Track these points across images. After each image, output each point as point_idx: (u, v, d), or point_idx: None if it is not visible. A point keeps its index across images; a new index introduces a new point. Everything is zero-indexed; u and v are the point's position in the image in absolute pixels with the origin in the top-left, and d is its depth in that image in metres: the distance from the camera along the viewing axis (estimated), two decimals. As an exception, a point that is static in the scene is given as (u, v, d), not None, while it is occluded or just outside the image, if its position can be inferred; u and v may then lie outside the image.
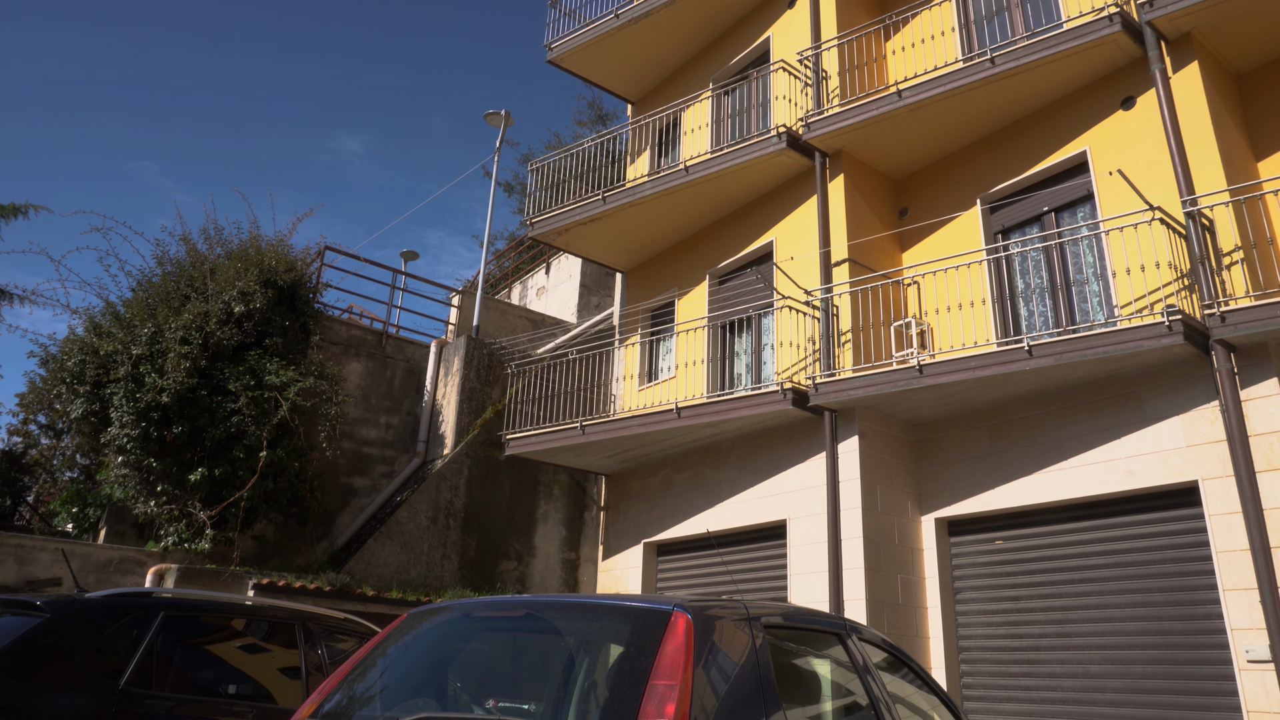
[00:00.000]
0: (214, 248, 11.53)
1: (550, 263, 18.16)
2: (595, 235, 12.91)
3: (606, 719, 2.29)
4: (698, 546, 11.14)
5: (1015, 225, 9.74)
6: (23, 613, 4.05)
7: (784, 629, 3.04)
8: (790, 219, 11.11)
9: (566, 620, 2.94)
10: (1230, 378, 7.24)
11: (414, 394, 13.00)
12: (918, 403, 9.04)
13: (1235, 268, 7.65)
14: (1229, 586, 7.09)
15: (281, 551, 11.29)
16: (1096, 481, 8.08)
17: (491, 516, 11.99)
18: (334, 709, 2.87)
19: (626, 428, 10.54)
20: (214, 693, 4.31)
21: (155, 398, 9.80)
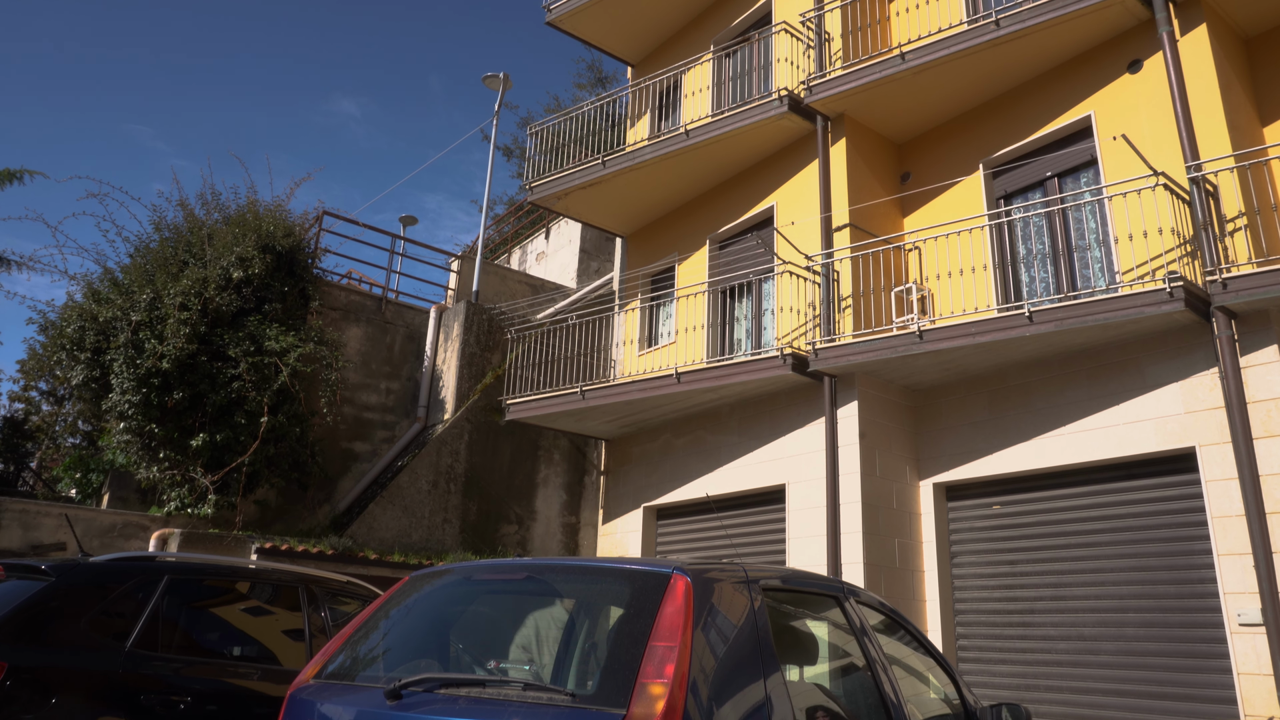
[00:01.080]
0: (211, 213, 11.47)
1: (550, 228, 18.07)
2: (595, 200, 12.83)
3: (606, 679, 2.32)
4: (697, 511, 11.22)
5: (1017, 190, 9.67)
6: (28, 576, 4.09)
7: (782, 592, 3.07)
8: (791, 183, 11.04)
9: (567, 583, 2.97)
10: (1230, 344, 7.24)
11: (414, 359, 13.01)
12: (917, 368, 9.05)
13: (1238, 234, 7.62)
14: (1223, 552, 7.16)
15: (284, 516, 11.37)
16: (1094, 447, 8.12)
17: (492, 481, 12.06)
18: (338, 670, 2.91)
19: (626, 393, 10.57)
20: (219, 654, 4.37)
21: (155, 364, 9.80)
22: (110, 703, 3.85)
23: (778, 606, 3.01)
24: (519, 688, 2.47)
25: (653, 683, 2.23)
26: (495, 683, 2.55)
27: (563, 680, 3.01)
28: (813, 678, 3.41)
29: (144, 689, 3.96)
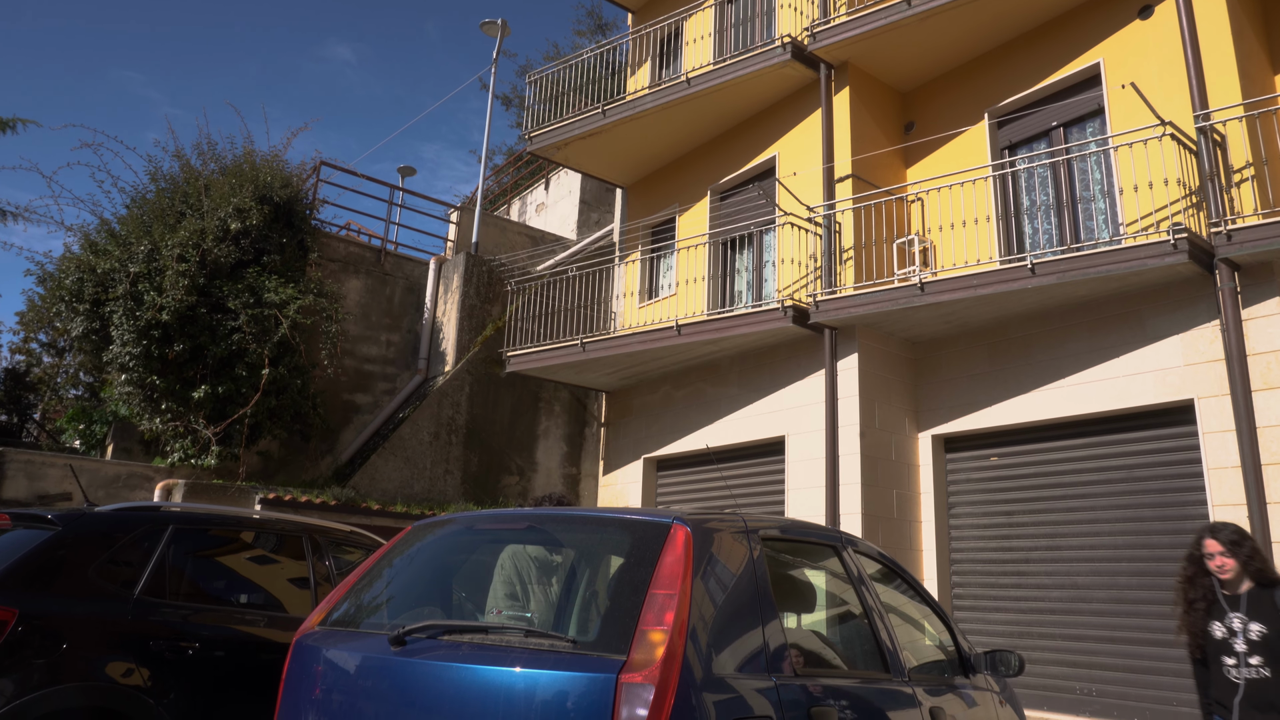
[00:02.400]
0: (208, 163, 11.35)
1: (549, 178, 17.90)
2: (595, 150, 12.68)
3: (607, 626, 2.36)
4: (697, 462, 11.30)
5: (1023, 141, 9.55)
6: (35, 526, 4.13)
7: (781, 541, 3.11)
8: (794, 133, 10.90)
9: (568, 532, 3.00)
10: (1233, 296, 7.21)
11: (414, 311, 12.99)
12: (918, 320, 9.04)
13: (1245, 185, 7.54)
14: (1218, 503, 7.22)
15: (286, 467, 11.46)
16: (1093, 399, 8.14)
17: (493, 432, 12.13)
18: (342, 617, 2.96)
19: (627, 345, 10.57)
20: (226, 602, 4.44)
21: (155, 316, 9.79)
22: (120, 649, 3.92)
23: (776, 556, 3.04)
24: (521, 634, 2.51)
25: (653, 630, 2.27)
26: (497, 630, 2.59)
27: (564, 627, 3.06)
28: (810, 625, 3.47)
29: (153, 635, 4.03)
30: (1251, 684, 3.70)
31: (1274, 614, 3.74)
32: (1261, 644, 3.73)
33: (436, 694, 2.36)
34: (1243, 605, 3.83)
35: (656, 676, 2.17)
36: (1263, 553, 3.87)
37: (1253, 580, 3.84)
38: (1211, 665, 3.90)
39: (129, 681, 3.89)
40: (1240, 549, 3.83)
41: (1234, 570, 3.84)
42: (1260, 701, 3.68)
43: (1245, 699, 3.72)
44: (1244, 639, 3.77)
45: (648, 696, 2.15)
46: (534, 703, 2.22)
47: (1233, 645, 3.81)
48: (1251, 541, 3.88)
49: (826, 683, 2.77)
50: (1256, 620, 3.77)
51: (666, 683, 2.18)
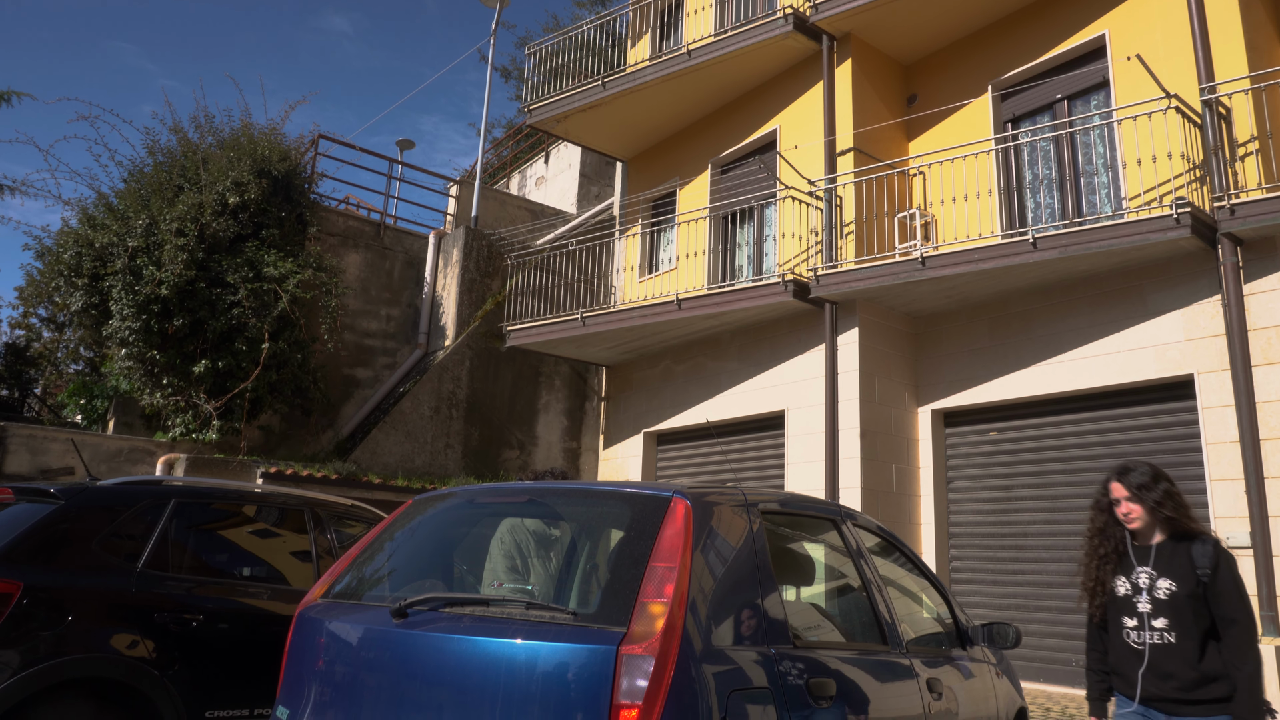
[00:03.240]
0: (205, 137, 11.26)
1: (549, 151, 17.78)
2: (595, 122, 12.59)
3: (607, 599, 2.37)
4: (697, 436, 11.33)
5: (1026, 114, 9.48)
6: (38, 500, 4.15)
7: (780, 515, 3.12)
8: (795, 106, 10.81)
9: (568, 506, 3.01)
10: (1235, 271, 7.19)
11: (414, 286, 12.96)
12: (919, 295, 9.02)
13: (1249, 159, 7.49)
14: (1216, 477, 7.25)
15: (288, 441, 11.49)
16: (1094, 374, 8.15)
17: (494, 407, 12.15)
18: (345, 590, 2.98)
19: (627, 319, 10.56)
20: (229, 575, 4.46)
21: (154, 290, 9.76)
22: (124, 621, 3.95)
23: (776, 529, 3.06)
24: (521, 607, 2.52)
25: (653, 602, 2.28)
26: (498, 602, 2.61)
27: (564, 600, 3.08)
28: (809, 598, 3.49)
29: (156, 608, 4.06)
30: (1155, 650, 3.11)
31: (1187, 570, 3.10)
32: (1169, 604, 3.10)
33: (438, 665, 2.38)
34: (1151, 558, 3.20)
35: (656, 648, 2.19)
36: (1180, 498, 3.25)
37: (1167, 530, 3.22)
38: (1111, 628, 3.29)
39: (134, 653, 3.93)
40: (1147, 492, 3.22)
41: (1141, 518, 3.23)
42: (1161, 670, 3.08)
43: (1139, 663, 3.14)
44: (1149, 597, 3.15)
45: (648, 668, 2.17)
46: (535, 674, 2.24)
47: (1135, 605, 3.19)
48: (1166, 485, 3.26)
49: (825, 654, 2.80)
50: (1167, 576, 3.14)
51: (666, 654, 2.20)
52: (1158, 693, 3.09)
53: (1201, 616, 3.06)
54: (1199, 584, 3.07)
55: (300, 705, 2.71)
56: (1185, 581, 3.09)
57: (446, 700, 2.33)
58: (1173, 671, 3.05)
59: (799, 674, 2.59)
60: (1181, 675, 3.04)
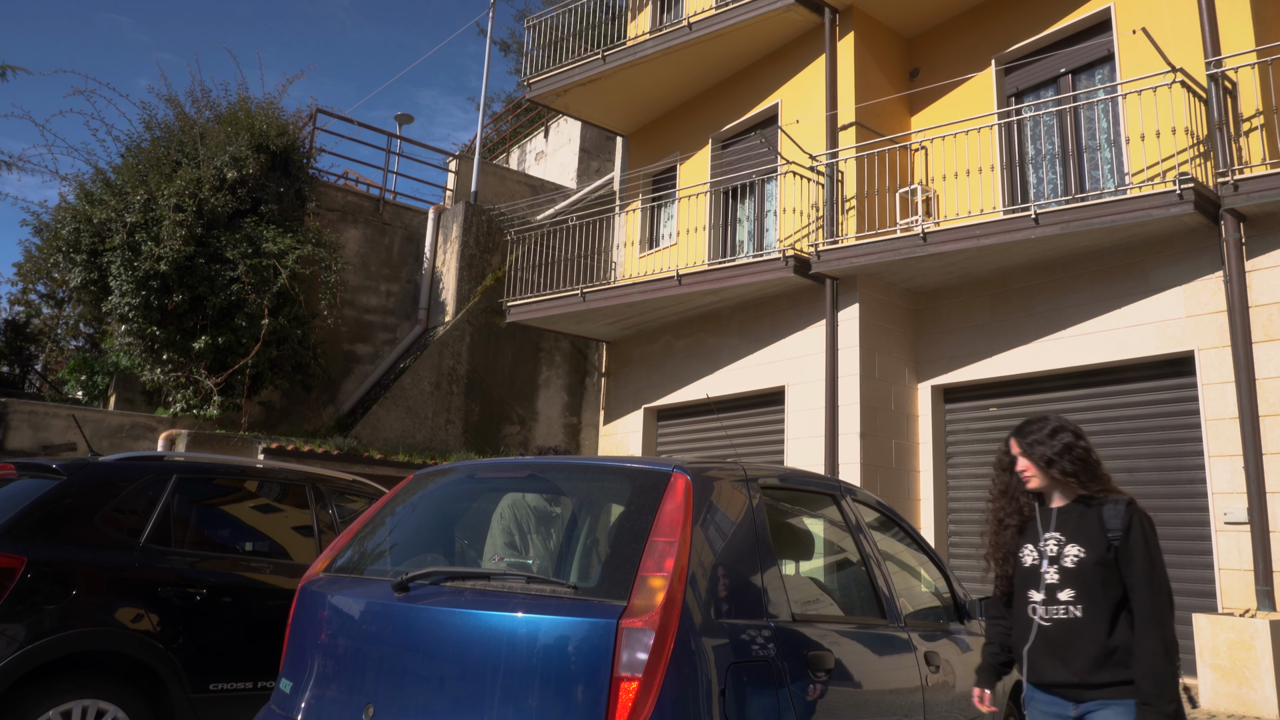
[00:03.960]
0: (202, 111, 11.19)
1: (549, 126, 17.66)
2: (595, 97, 12.49)
3: (608, 573, 2.39)
4: (697, 411, 11.35)
5: (1030, 88, 9.40)
6: (40, 475, 4.16)
7: (780, 490, 3.13)
8: (797, 80, 10.72)
9: (569, 481, 3.02)
10: (1237, 247, 7.17)
11: (413, 261, 12.92)
12: (920, 271, 9.00)
13: (1254, 134, 7.44)
14: (1214, 453, 7.27)
15: (288, 417, 11.51)
16: (1094, 350, 8.14)
17: (494, 382, 12.16)
18: (347, 564, 3.00)
19: (627, 295, 10.54)
20: (231, 549, 4.49)
21: (153, 266, 9.74)
22: (128, 595, 3.98)
23: (776, 504, 3.07)
24: (522, 580, 2.54)
25: (653, 576, 2.30)
26: (499, 576, 2.63)
27: (565, 574, 3.10)
28: (809, 572, 3.51)
29: (160, 582, 4.09)
30: (1059, 625, 2.66)
31: (1097, 534, 2.68)
32: (1076, 573, 2.67)
33: (439, 638, 2.40)
34: (1058, 522, 2.77)
35: (656, 621, 2.21)
36: (1085, 455, 2.76)
37: (1075, 492, 2.77)
38: (1015, 602, 2.85)
39: (138, 627, 3.96)
40: (1040, 448, 2.78)
41: (1036, 477, 2.80)
42: (1066, 649, 2.64)
43: (1041, 644, 2.69)
44: (1058, 567, 2.71)
45: (648, 641, 2.19)
46: (536, 647, 2.26)
47: (1043, 576, 2.74)
48: (1068, 439, 2.78)
49: (823, 628, 2.82)
50: (1075, 542, 2.71)
51: (666, 627, 2.21)
52: (1060, 677, 2.64)
53: (1112, 586, 2.63)
54: (1109, 548, 2.65)
55: (303, 678, 2.73)
56: (1094, 547, 2.66)
57: (448, 673, 2.35)
58: (1078, 650, 2.62)
59: (798, 647, 2.62)
60: (1086, 654, 2.60)
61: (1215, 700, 6.30)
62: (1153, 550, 2.64)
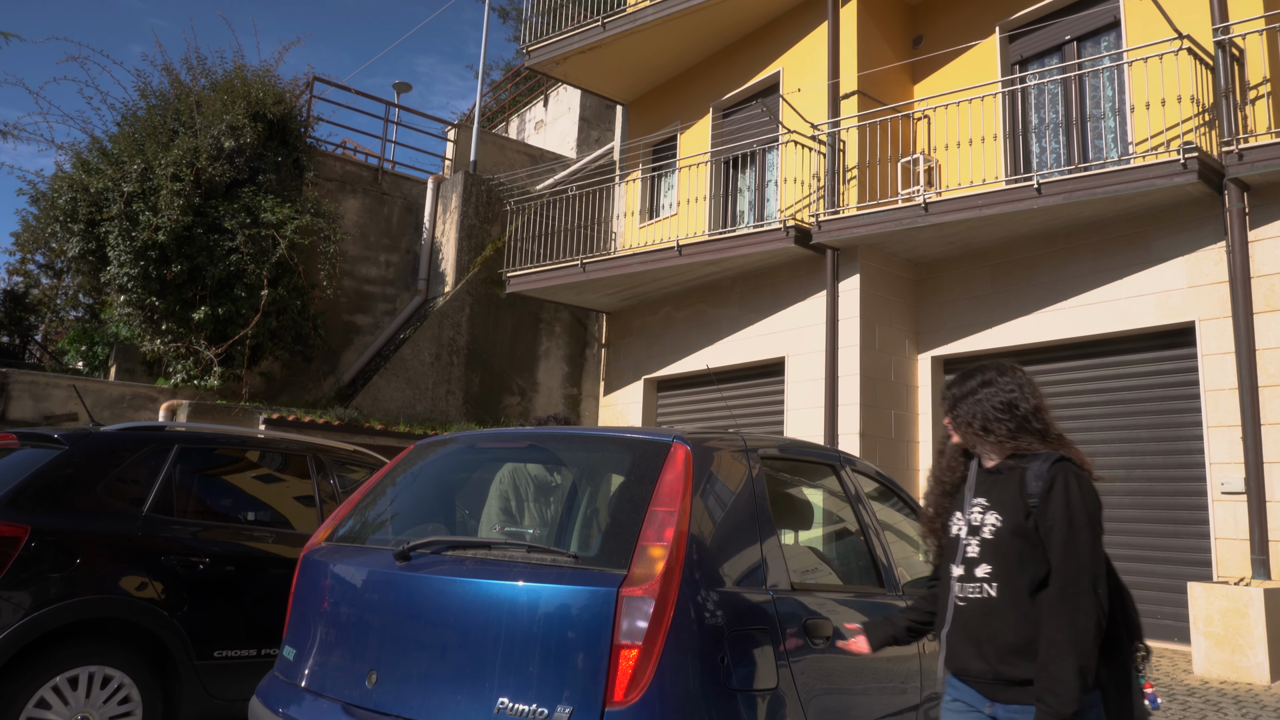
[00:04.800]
0: (198, 79, 11.08)
1: (548, 95, 17.49)
2: (595, 65, 12.36)
3: (608, 542, 2.40)
4: (697, 382, 11.37)
5: (1034, 55, 9.29)
6: (42, 445, 4.17)
7: (780, 460, 3.14)
8: (799, 48, 10.60)
9: (569, 451, 3.03)
10: (1240, 217, 7.13)
11: (413, 232, 12.87)
12: (921, 241, 8.96)
13: (1260, 102, 7.37)
14: (1213, 424, 7.29)
15: (289, 388, 11.53)
16: (1095, 321, 8.13)
17: (494, 353, 12.16)
18: (348, 533, 3.01)
19: (627, 265, 10.50)
20: (234, 519, 4.52)
21: (151, 236, 9.70)
22: (132, 564, 4.00)
23: (775, 474, 3.08)
24: (523, 550, 2.56)
25: (653, 545, 2.31)
26: (500, 545, 2.64)
27: (565, 543, 3.12)
28: (808, 541, 3.54)
29: (163, 551, 4.11)
30: (973, 605, 2.23)
31: (1016, 501, 2.21)
32: (994, 546, 2.22)
33: (441, 607, 2.42)
34: (981, 486, 2.33)
35: (656, 590, 2.22)
36: (1010, 403, 2.27)
37: (1003, 449, 2.30)
38: (941, 577, 2.41)
39: (143, 595, 3.99)
40: (953, 392, 2.38)
41: (955, 431, 2.40)
42: (980, 633, 2.20)
43: (957, 626, 2.26)
44: (978, 539, 2.26)
45: (648, 609, 2.20)
46: (537, 615, 2.28)
47: (963, 548, 2.30)
48: (992, 384, 2.31)
49: (822, 596, 2.84)
50: (995, 509, 2.25)
51: (666, 596, 2.23)
52: (975, 665, 2.21)
53: (1032, 561, 2.16)
54: (1028, 515, 2.18)
55: (306, 645, 2.76)
56: (1013, 514, 2.21)
57: (450, 641, 2.37)
58: (992, 636, 2.18)
59: (796, 615, 2.64)
60: (999, 641, 2.17)
61: (1208, 667, 6.37)
62: (1076, 516, 2.11)
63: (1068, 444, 2.27)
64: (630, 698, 2.15)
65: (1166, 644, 7.44)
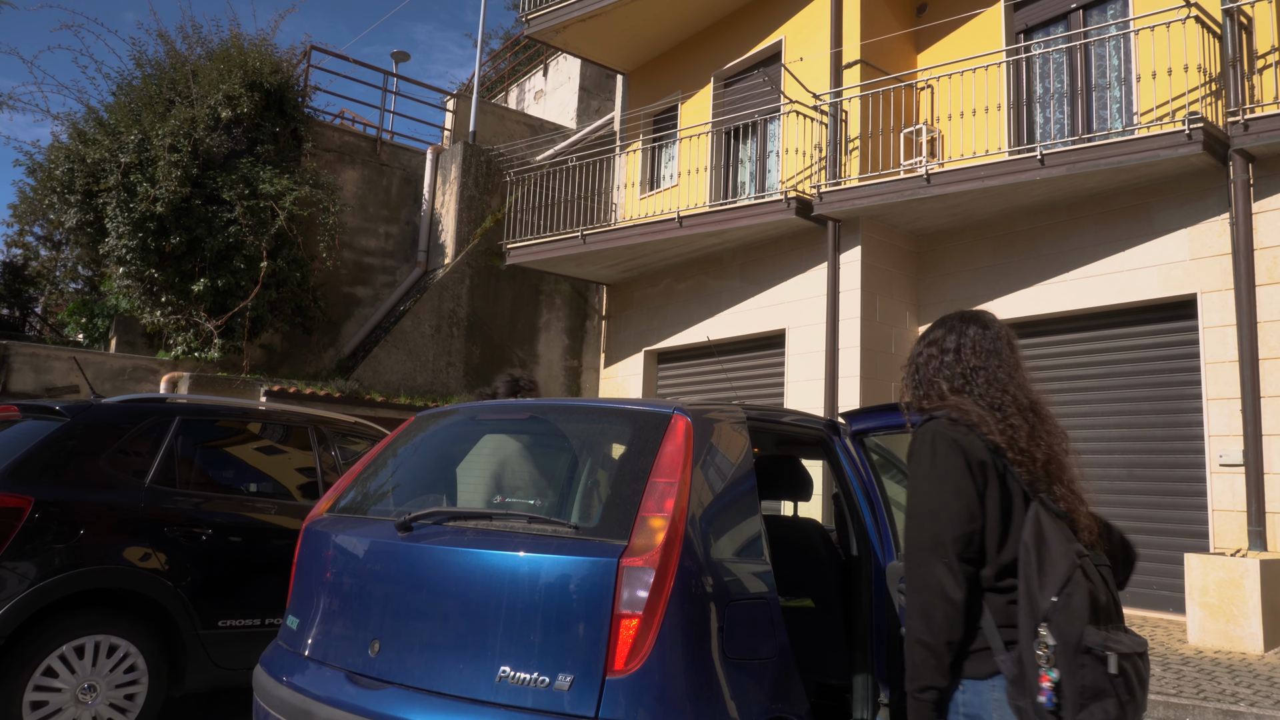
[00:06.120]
0: (194, 48, 10.96)
1: (548, 64, 17.31)
2: (595, 33, 12.22)
3: (609, 513, 2.41)
4: (698, 354, 11.37)
5: (1039, 24, 9.18)
6: (44, 417, 4.18)
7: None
8: (801, 16, 10.47)
9: (570, 422, 3.04)
10: (1245, 189, 7.09)
11: (412, 203, 12.80)
12: (923, 213, 8.91)
13: (1268, 71, 7.29)
14: (1213, 396, 7.30)
15: (290, 360, 11.54)
16: (1097, 293, 8.11)
17: (494, 325, 12.15)
18: (350, 504, 3.03)
19: (628, 237, 10.46)
20: (236, 490, 4.54)
21: (149, 207, 9.65)
22: (136, 535, 4.03)
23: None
24: (524, 521, 2.57)
25: (653, 516, 2.32)
26: (501, 516, 2.66)
27: (566, 514, 3.13)
28: (807, 512, 3.55)
29: (166, 522, 4.14)
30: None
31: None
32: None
33: (443, 577, 2.44)
34: None
35: (657, 560, 2.24)
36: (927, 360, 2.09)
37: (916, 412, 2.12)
38: None
39: (147, 565, 4.02)
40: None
41: None
42: None
43: None
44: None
45: (648, 579, 2.22)
46: (538, 585, 2.29)
47: None
48: (931, 340, 2.11)
49: (821, 567, 2.86)
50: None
51: (666, 566, 2.25)
52: None
53: None
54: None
55: (310, 614, 2.78)
56: None
57: (452, 610, 2.39)
58: None
59: (795, 585, 2.66)
60: None
61: (1202, 637, 6.43)
62: (919, 479, 1.89)
63: (966, 407, 1.94)
64: (630, 666, 2.17)
65: (1162, 614, 7.51)
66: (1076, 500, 1.84)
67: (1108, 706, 1.63)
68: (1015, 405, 1.91)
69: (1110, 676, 1.64)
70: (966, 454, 1.83)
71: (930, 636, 1.79)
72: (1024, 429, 1.86)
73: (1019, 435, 1.84)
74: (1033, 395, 1.97)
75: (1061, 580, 1.70)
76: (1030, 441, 1.85)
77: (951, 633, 1.78)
